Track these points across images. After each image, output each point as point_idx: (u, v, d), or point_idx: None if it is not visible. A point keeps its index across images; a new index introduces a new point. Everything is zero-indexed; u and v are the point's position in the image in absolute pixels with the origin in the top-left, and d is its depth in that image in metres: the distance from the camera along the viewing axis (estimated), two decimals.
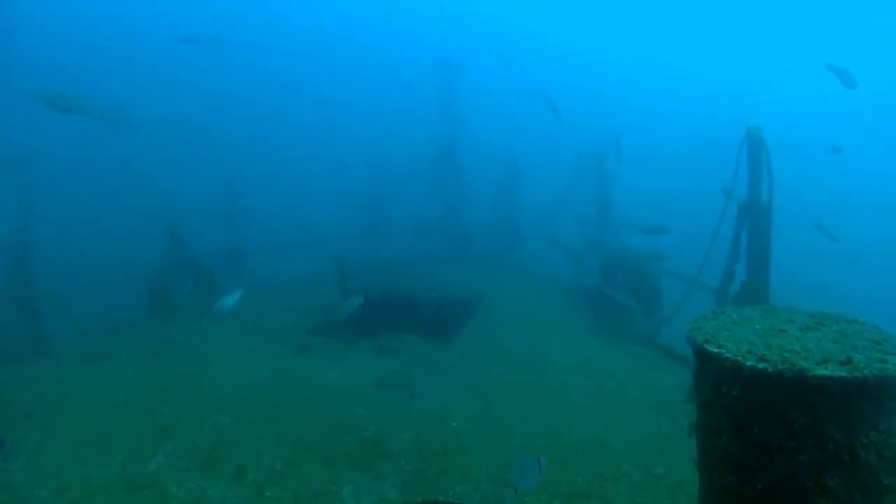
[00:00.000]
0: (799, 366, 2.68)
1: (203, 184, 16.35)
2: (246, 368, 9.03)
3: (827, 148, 15.27)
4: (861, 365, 2.67)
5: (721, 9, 45.65)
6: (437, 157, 18.00)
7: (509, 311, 12.01)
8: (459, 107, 18.76)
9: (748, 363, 2.79)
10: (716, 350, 2.97)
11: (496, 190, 18.07)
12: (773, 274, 7.51)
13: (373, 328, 10.57)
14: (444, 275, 15.31)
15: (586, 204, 13.25)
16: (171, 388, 8.23)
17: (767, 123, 7.75)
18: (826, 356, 2.77)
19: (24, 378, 8.92)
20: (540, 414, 7.14)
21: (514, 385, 8.04)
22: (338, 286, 10.19)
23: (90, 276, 13.03)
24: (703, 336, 3.13)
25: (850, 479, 2.71)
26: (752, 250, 7.51)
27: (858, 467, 2.70)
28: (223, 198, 15.07)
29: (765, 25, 45.57)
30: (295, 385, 8.28)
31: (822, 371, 2.63)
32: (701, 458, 3.34)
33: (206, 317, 12.36)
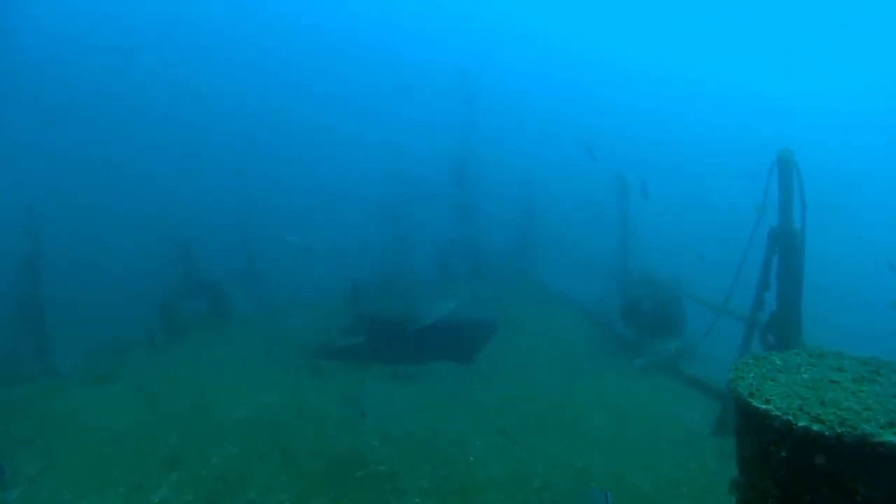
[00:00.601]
0: (861, 429, 2.37)
1: (219, 200, 16.28)
2: (256, 393, 8.78)
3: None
4: None
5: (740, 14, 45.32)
6: (455, 171, 17.79)
7: (528, 333, 11.69)
8: (479, 119, 18.57)
9: (800, 423, 2.49)
10: (763, 406, 2.66)
11: (515, 205, 17.77)
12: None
13: (387, 351, 10.33)
14: (462, 293, 15.05)
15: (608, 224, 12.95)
16: (178, 414, 8.01)
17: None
18: (892, 418, 2.45)
19: (28, 400, 8.76)
20: (561, 449, 6.80)
21: (534, 416, 7.71)
22: (351, 309, 9.94)
23: (102, 294, 12.99)
24: (748, 387, 2.83)
25: None
26: (783, 279, 7.16)
27: None
28: (239, 215, 14.98)
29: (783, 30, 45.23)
30: (306, 412, 8.02)
31: (890, 437, 2.32)
32: None
33: (219, 337, 12.28)
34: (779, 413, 2.57)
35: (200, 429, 7.52)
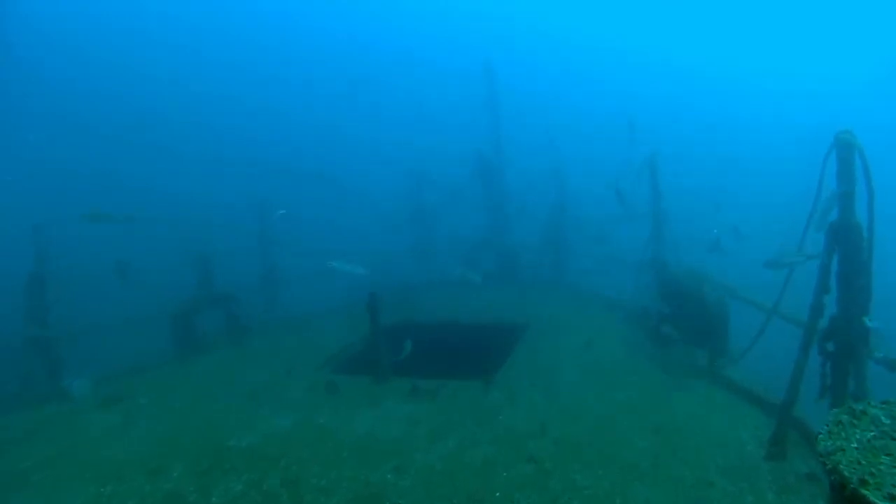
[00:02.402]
0: None
1: (236, 204, 15.83)
2: (269, 416, 8.27)
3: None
4: None
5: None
6: (480, 168, 17.11)
7: (559, 336, 10.97)
8: (504, 116, 17.85)
9: None
10: None
11: (544, 204, 16.98)
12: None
13: (407, 362, 9.73)
14: (488, 297, 14.38)
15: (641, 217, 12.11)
16: (185, 442, 7.52)
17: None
18: None
19: (31, 428, 8.37)
20: (598, 480, 6.06)
21: (568, 440, 6.97)
22: (371, 325, 9.32)
23: (118, 309, 12.63)
24: (855, 468, 2.06)
25: None
26: (844, 280, 6.32)
27: None
28: (257, 219, 14.48)
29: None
30: (319, 439, 7.42)
31: None
32: None
33: (235, 352, 11.82)
34: None
35: (206, 460, 6.98)
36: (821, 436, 2.36)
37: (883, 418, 2.42)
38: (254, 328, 13.02)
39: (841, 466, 2.09)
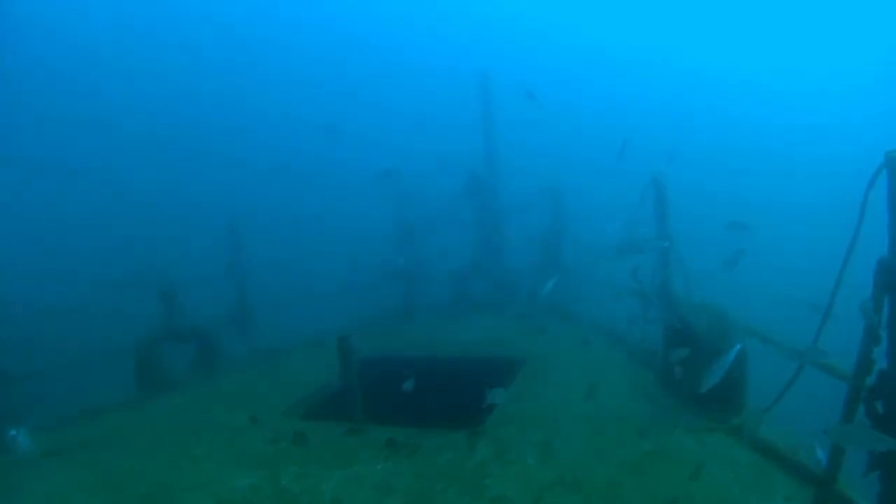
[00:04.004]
0: None
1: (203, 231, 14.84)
2: (228, 474, 7.23)
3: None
4: None
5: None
6: (470, 184, 16.07)
7: (556, 378, 9.90)
8: (500, 126, 16.82)
9: None
10: None
11: (540, 224, 15.88)
12: None
13: (387, 404, 8.72)
14: (481, 326, 13.34)
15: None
16: None
17: None
18: None
19: None
20: None
21: None
22: (342, 371, 8.28)
23: (73, 345, 11.64)
24: None
25: None
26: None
27: None
28: (226, 246, 13.44)
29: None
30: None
31: None
32: None
33: (200, 392, 10.81)
34: None
35: None
36: None
37: None
38: (224, 363, 11.99)
39: None
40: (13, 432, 8.86)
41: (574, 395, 8.96)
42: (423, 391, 9.62)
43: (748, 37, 45.42)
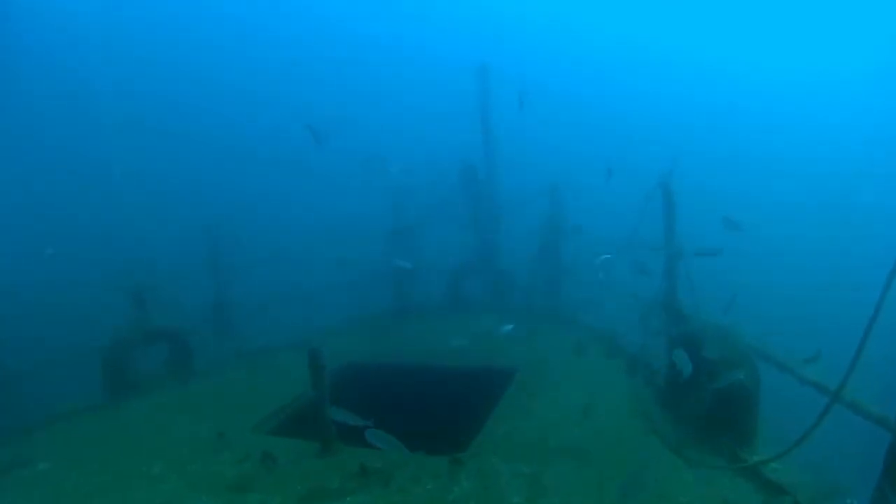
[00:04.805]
0: None
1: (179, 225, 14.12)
2: (185, 500, 6.57)
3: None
4: None
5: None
6: (465, 179, 15.29)
7: (550, 392, 9.15)
8: (496, 121, 16.00)
9: None
10: None
11: (539, 223, 15.04)
12: None
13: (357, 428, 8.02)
14: (473, 329, 12.58)
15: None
16: None
17: None
18: None
19: None
20: None
21: None
22: (314, 387, 7.53)
23: (36, 348, 10.96)
24: None
25: None
26: None
27: None
28: (204, 243, 12.68)
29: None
30: None
31: None
32: None
33: (170, 401, 10.12)
34: None
35: None
36: None
37: None
38: (199, 366, 11.29)
39: None
40: None
41: (567, 415, 8.22)
42: (405, 406, 9.01)
43: (746, 37, 44.52)
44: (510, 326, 11.21)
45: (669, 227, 9.53)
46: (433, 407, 9.06)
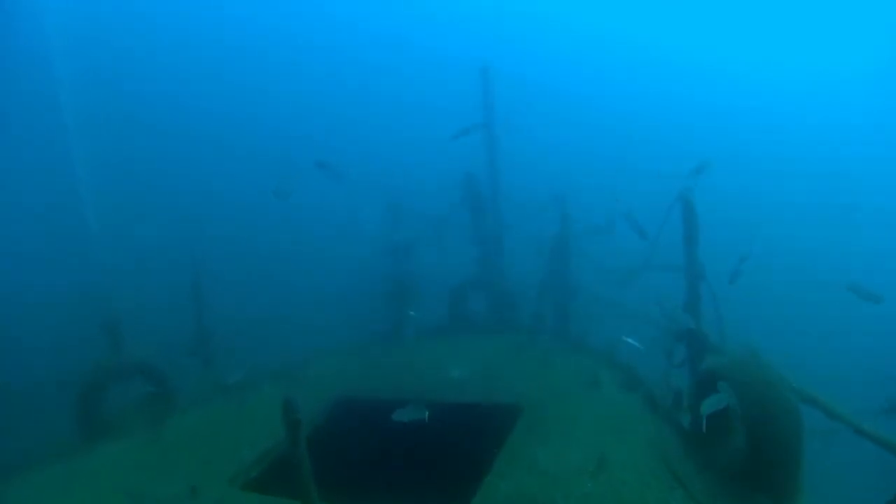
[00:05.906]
0: None
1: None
2: None
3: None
4: None
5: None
6: (467, 191, 14.34)
7: (559, 437, 8.11)
8: (501, 128, 15.03)
9: None
10: None
11: (546, 238, 13.98)
12: None
13: (344, 469, 7.15)
14: (476, 355, 11.62)
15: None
16: None
17: None
18: None
19: None
20: None
21: None
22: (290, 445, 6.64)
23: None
24: None
25: None
26: None
27: None
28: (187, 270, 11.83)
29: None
30: None
31: None
32: None
33: (145, 442, 9.26)
34: None
35: None
36: None
37: None
38: (178, 403, 10.42)
39: None
40: None
41: (578, 467, 7.20)
42: (397, 449, 8.15)
43: (747, 37, 43.64)
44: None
45: (690, 245, 8.54)
46: (429, 450, 8.15)
